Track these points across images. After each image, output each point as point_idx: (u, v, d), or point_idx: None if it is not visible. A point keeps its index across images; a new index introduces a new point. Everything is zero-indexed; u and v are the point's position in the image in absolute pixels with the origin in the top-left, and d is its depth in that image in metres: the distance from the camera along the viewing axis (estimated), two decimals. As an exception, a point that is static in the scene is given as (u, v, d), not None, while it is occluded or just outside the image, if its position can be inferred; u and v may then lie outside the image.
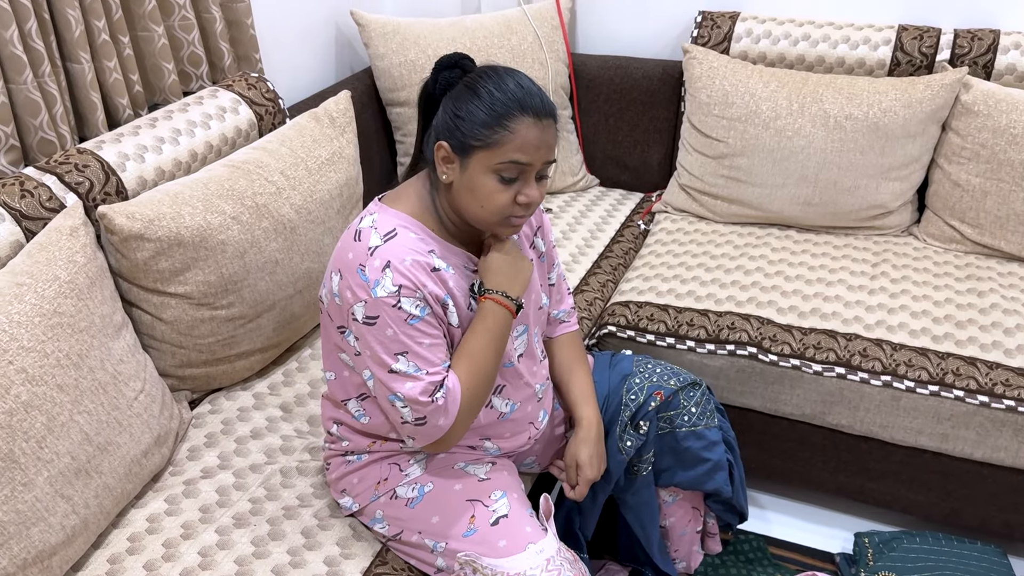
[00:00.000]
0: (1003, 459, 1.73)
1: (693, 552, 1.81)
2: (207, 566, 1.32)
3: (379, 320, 1.22)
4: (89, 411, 1.32)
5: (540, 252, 1.48)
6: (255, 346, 1.68)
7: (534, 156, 1.21)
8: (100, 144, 1.61)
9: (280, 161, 1.71)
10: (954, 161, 2.06)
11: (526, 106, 1.20)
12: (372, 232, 1.26)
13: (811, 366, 1.79)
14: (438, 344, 1.26)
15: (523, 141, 1.20)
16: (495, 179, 1.22)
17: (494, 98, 1.20)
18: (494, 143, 1.20)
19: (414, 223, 1.29)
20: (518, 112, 1.19)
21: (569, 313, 1.60)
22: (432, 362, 1.25)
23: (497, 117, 1.19)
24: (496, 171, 1.21)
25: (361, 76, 2.38)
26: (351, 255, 1.25)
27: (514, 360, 1.39)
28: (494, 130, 1.19)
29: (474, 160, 1.22)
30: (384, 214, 1.28)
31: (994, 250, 2.05)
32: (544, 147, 1.22)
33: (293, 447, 1.57)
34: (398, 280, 1.22)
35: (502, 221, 1.26)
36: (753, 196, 2.18)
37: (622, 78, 2.46)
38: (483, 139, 1.20)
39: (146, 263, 1.50)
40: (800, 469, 1.94)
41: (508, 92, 1.20)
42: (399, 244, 1.24)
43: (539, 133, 1.21)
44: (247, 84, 1.91)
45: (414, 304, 1.23)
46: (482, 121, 1.20)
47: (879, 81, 2.09)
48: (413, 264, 1.24)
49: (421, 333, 1.24)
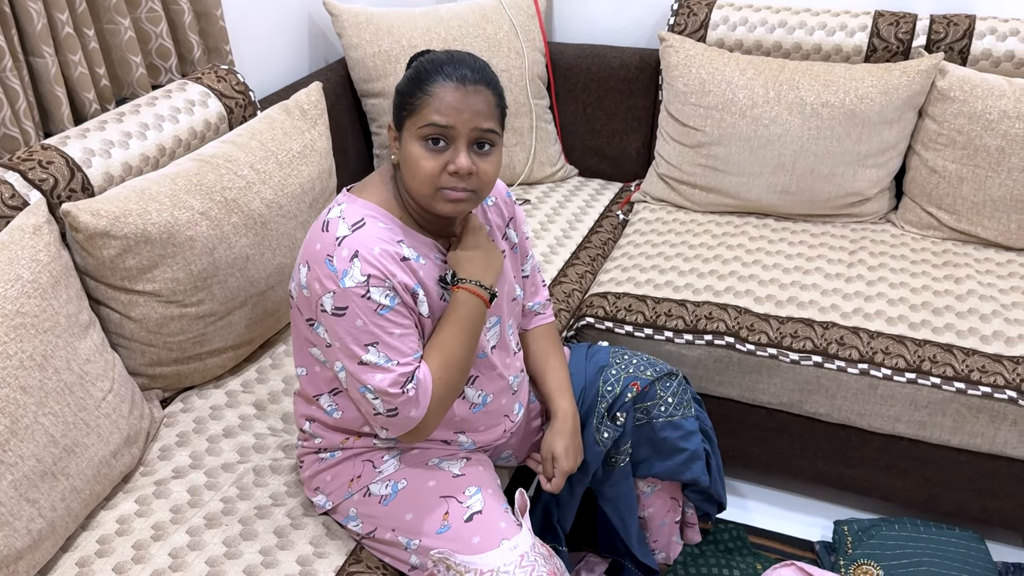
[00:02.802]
0: (980, 445, 1.73)
1: (672, 542, 1.81)
2: (178, 567, 1.30)
3: (348, 311, 1.21)
4: (55, 412, 1.30)
5: (512, 243, 1.47)
6: (227, 343, 1.66)
7: (456, 119, 1.20)
8: (65, 140, 1.58)
9: (250, 155, 1.69)
10: (931, 147, 2.05)
11: (448, 72, 1.21)
12: (340, 222, 1.24)
13: (788, 355, 1.79)
14: (409, 334, 1.25)
15: (440, 103, 1.20)
16: (420, 145, 1.22)
17: (421, 67, 1.23)
18: (416, 108, 1.22)
19: (382, 212, 1.28)
20: (439, 76, 1.21)
21: (544, 305, 1.59)
22: (403, 352, 1.24)
23: (419, 83, 1.22)
24: (420, 136, 1.22)
25: (335, 67, 2.35)
26: (319, 246, 1.23)
27: (487, 351, 1.38)
28: (415, 95, 1.22)
29: (405, 131, 1.24)
30: (352, 204, 1.27)
31: (971, 236, 2.05)
32: (468, 111, 1.20)
33: (267, 445, 1.56)
34: (367, 270, 1.20)
35: (435, 193, 1.23)
36: (731, 185, 2.17)
37: (599, 67, 2.44)
38: (408, 107, 1.23)
39: (113, 261, 1.48)
40: (779, 458, 1.94)
41: (434, 61, 1.23)
42: (367, 234, 1.23)
43: (461, 96, 1.21)
44: (217, 77, 1.88)
45: (383, 294, 1.21)
46: (406, 90, 1.23)
47: (855, 68, 2.08)
48: (382, 253, 1.22)
49: (391, 323, 1.23)
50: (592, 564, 1.79)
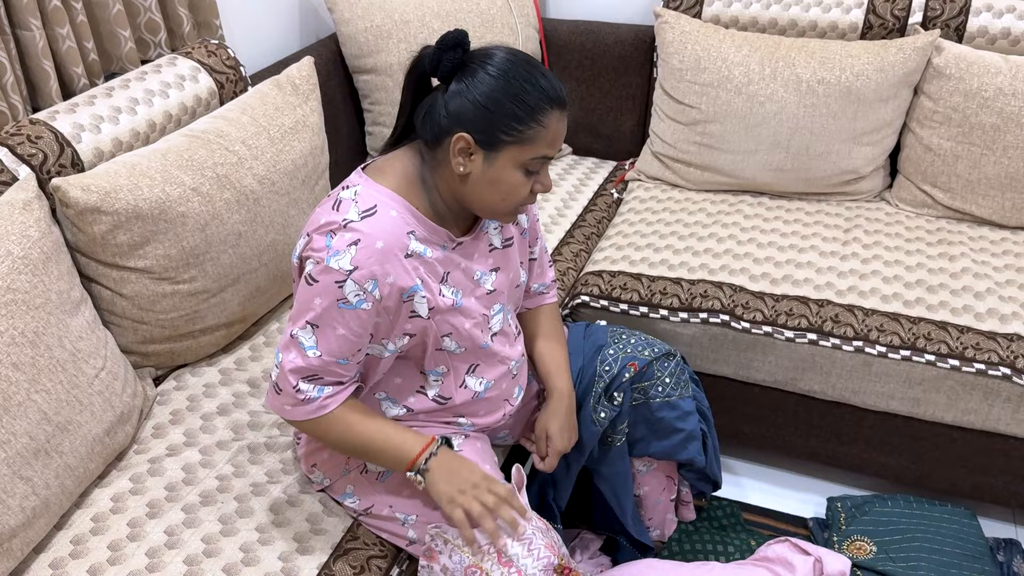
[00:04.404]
0: (973, 422, 1.74)
1: (667, 519, 1.81)
2: (173, 544, 1.29)
3: (317, 286, 1.19)
4: (47, 390, 1.29)
5: (522, 228, 1.45)
6: (220, 321, 1.65)
7: (557, 148, 1.22)
8: (54, 115, 1.55)
9: (241, 130, 1.66)
10: (926, 125, 2.05)
11: (554, 99, 1.18)
12: (352, 205, 1.21)
13: (783, 333, 1.79)
14: (349, 340, 1.21)
15: (554, 135, 1.20)
16: (522, 173, 1.20)
17: (526, 92, 1.16)
18: (527, 139, 1.18)
19: (398, 200, 1.23)
20: (549, 106, 1.18)
21: (549, 287, 1.58)
22: (332, 351, 1.21)
23: (531, 112, 1.17)
24: (524, 166, 1.20)
25: (326, 42, 2.32)
26: (324, 220, 1.21)
27: (488, 341, 1.37)
28: (528, 125, 1.17)
29: (503, 155, 1.19)
30: (368, 187, 1.23)
31: (965, 214, 2.05)
32: (563, 136, 1.23)
33: (261, 423, 1.55)
34: (357, 261, 1.17)
35: (515, 212, 1.26)
36: (726, 163, 2.16)
37: (594, 43, 2.42)
38: (516, 134, 1.17)
39: (104, 237, 1.46)
40: (773, 435, 1.94)
41: (538, 85, 1.17)
42: (376, 224, 1.19)
43: (564, 124, 1.21)
44: (207, 51, 1.85)
45: (355, 292, 1.18)
46: (516, 116, 1.16)
47: (851, 45, 2.07)
48: (384, 249, 1.19)
49: (342, 320, 1.19)
50: (587, 541, 1.79)
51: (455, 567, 1.25)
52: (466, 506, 1.22)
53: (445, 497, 1.23)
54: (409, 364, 1.34)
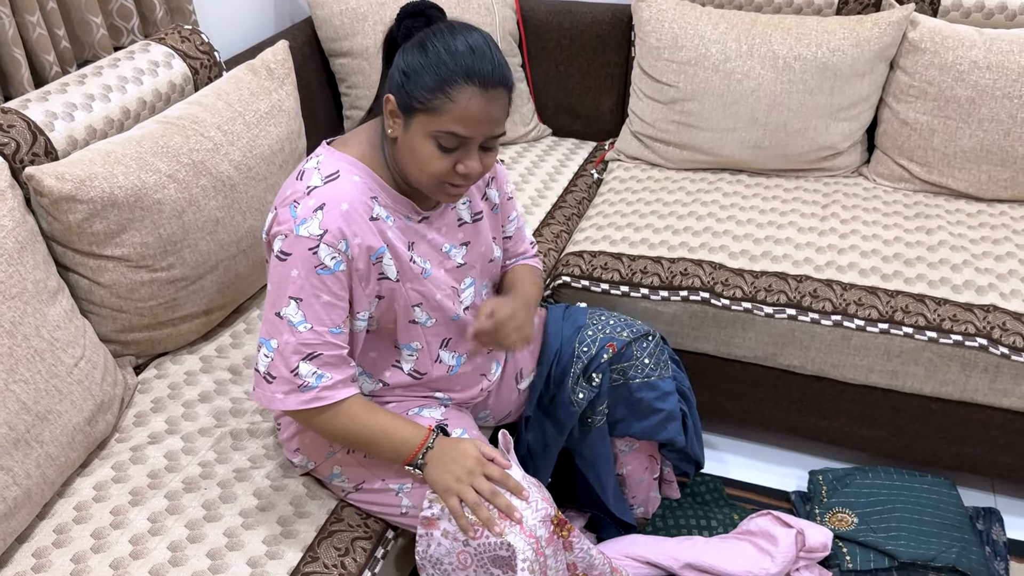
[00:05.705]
0: (951, 393, 1.76)
1: (651, 497, 1.83)
2: (157, 532, 1.30)
3: (291, 258, 1.19)
4: (25, 380, 1.28)
5: (493, 204, 1.45)
6: (199, 308, 1.64)
7: (475, 130, 1.16)
8: (26, 103, 1.54)
9: (216, 116, 1.65)
10: (902, 100, 2.06)
11: (473, 73, 1.13)
12: (315, 172, 1.22)
13: (762, 309, 1.80)
14: (336, 306, 1.21)
15: (464, 112, 1.14)
16: (433, 145, 1.17)
17: (441, 60, 1.13)
18: (434, 109, 1.14)
19: (360, 167, 1.25)
20: (463, 80, 1.13)
21: (529, 252, 1.58)
22: (322, 320, 1.20)
23: (440, 82, 1.13)
24: (434, 137, 1.17)
25: (301, 26, 2.31)
26: (289, 191, 1.22)
27: (460, 313, 1.37)
28: (436, 95, 1.14)
29: (415, 122, 1.17)
30: (331, 156, 1.25)
31: (942, 188, 2.07)
32: (488, 121, 1.16)
33: (243, 409, 1.55)
34: (326, 224, 1.18)
35: (438, 187, 1.22)
36: (704, 141, 2.16)
37: (571, 23, 2.41)
38: (424, 103, 1.15)
39: (79, 225, 1.45)
40: (754, 410, 1.96)
41: (457, 55, 1.13)
42: (339, 188, 1.21)
43: (484, 105, 1.15)
44: (180, 37, 1.84)
45: (331, 255, 1.19)
46: (425, 84, 1.14)
47: (827, 20, 2.07)
48: (349, 211, 1.20)
49: (324, 287, 1.20)
50: (571, 519, 1.80)
51: (456, 530, 1.25)
52: (461, 494, 1.23)
53: (441, 486, 1.25)
54: (383, 338, 1.34)
